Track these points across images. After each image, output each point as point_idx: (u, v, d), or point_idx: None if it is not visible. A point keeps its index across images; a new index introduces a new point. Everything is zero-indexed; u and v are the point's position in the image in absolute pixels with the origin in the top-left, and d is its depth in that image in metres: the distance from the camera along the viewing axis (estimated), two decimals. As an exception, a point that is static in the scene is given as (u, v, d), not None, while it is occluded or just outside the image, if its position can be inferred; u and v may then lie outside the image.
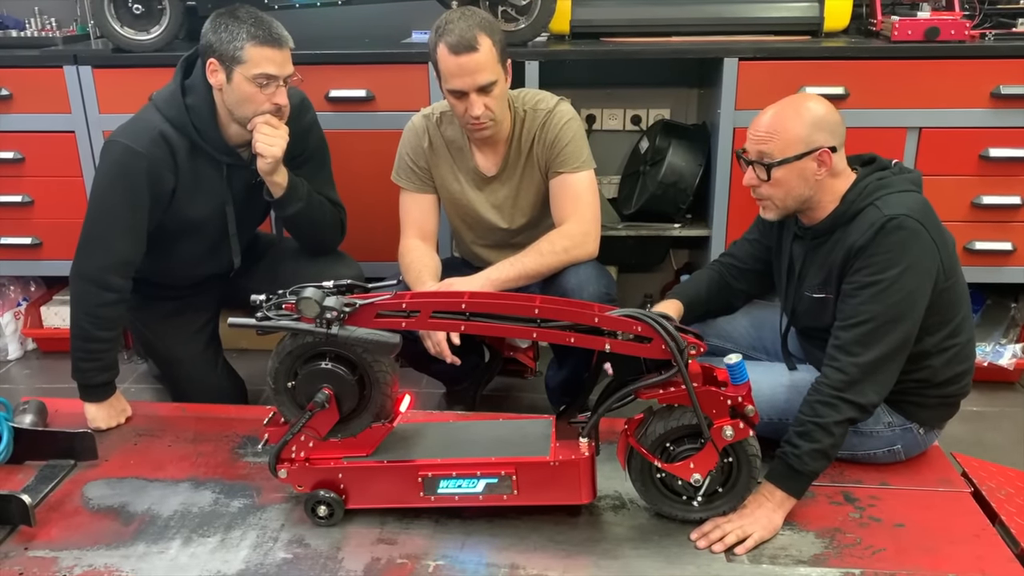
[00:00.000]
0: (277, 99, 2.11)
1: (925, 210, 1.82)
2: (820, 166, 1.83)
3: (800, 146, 1.81)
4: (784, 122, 1.83)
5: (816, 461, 1.76)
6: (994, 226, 2.68)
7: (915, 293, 1.78)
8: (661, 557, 1.71)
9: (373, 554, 1.73)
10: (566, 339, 1.67)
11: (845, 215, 1.85)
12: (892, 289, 1.76)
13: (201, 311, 2.51)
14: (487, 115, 2.12)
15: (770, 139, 1.83)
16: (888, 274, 1.76)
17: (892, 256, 1.76)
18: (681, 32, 2.86)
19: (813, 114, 1.83)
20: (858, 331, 1.77)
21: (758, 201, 1.93)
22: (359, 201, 2.55)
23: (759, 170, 1.85)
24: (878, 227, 1.77)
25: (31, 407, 2.18)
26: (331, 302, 1.65)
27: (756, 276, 2.17)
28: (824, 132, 1.82)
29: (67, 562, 1.72)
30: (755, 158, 1.86)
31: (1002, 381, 2.76)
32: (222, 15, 2.10)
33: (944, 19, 2.59)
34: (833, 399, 1.76)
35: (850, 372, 1.76)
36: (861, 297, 1.79)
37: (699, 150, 2.86)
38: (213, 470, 2.04)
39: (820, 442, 1.74)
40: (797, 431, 1.77)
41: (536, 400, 2.66)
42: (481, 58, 2.06)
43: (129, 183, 2.13)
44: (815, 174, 1.83)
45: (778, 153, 1.82)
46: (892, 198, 1.81)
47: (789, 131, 1.81)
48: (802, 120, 1.82)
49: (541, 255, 2.18)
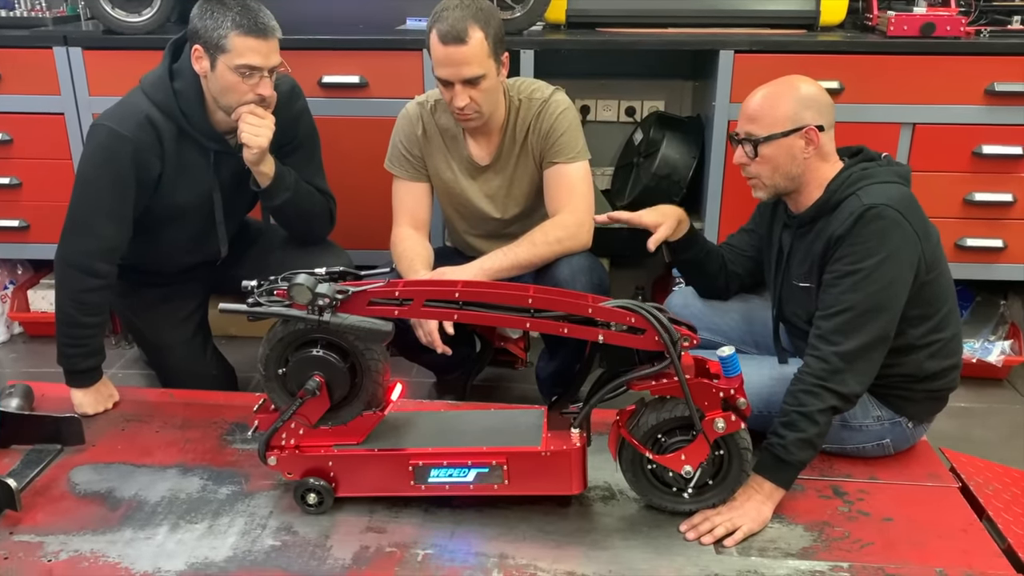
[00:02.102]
0: (261, 90, 2.08)
1: (907, 201, 1.82)
2: (808, 144, 1.85)
3: (787, 123, 1.84)
4: (772, 99, 1.86)
5: (802, 451, 1.76)
6: (985, 223, 2.69)
7: (895, 283, 1.79)
8: (650, 548, 1.71)
9: (362, 542, 1.73)
10: (559, 329, 1.66)
11: (828, 204, 1.87)
12: (871, 278, 1.77)
13: (189, 298, 2.49)
14: (471, 107, 2.11)
15: (758, 117, 1.86)
16: (867, 263, 1.77)
17: (871, 245, 1.77)
18: (677, 24, 2.86)
19: (801, 92, 1.86)
20: (838, 320, 1.78)
21: (748, 181, 1.95)
22: (351, 188, 2.53)
23: (747, 147, 1.88)
24: (857, 216, 1.78)
25: (17, 391, 2.16)
26: (323, 289, 1.63)
27: (752, 265, 2.19)
28: (811, 110, 1.85)
29: (53, 547, 1.71)
30: (743, 136, 1.89)
31: (991, 377, 2.78)
32: (210, 0, 2.07)
33: (940, 15, 2.60)
34: (815, 387, 1.76)
35: (831, 361, 1.77)
36: (841, 287, 1.80)
37: (693, 143, 2.86)
38: (201, 456, 2.03)
39: (805, 431, 1.75)
40: (782, 421, 1.78)
41: (526, 390, 2.66)
42: (468, 51, 2.04)
43: (114, 167, 2.10)
44: (803, 152, 1.85)
45: (765, 130, 1.85)
46: (874, 188, 1.82)
47: (777, 108, 1.85)
48: (790, 98, 1.85)
49: (534, 245, 2.17)
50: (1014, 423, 2.59)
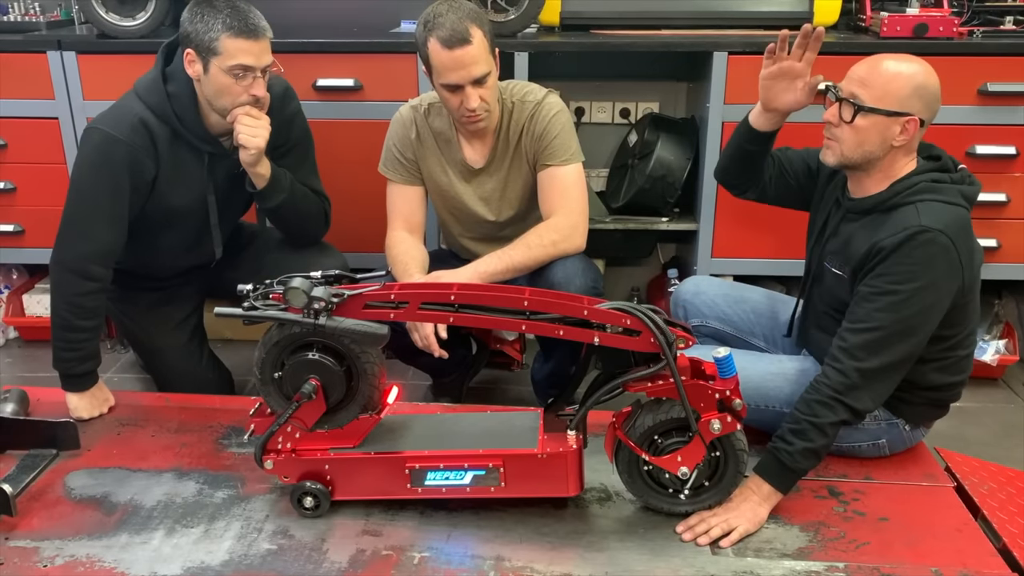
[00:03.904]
0: (255, 90, 2.08)
1: (961, 227, 1.78)
2: (902, 132, 1.78)
3: (896, 103, 1.76)
4: (891, 74, 1.77)
5: (807, 460, 1.76)
6: (979, 223, 2.64)
7: (931, 310, 1.76)
8: (647, 549, 1.72)
9: (358, 545, 1.73)
10: (555, 331, 1.66)
11: (886, 203, 1.82)
12: (908, 303, 1.74)
13: (185, 302, 2.49)
14: (483, 107, 2.11)
15: (871, 83, 1.77)
16: (907, 287, 1.73)
17: (916, 270, 1.73)
18: (671, 25, 2.87)
19: (920, 80, 1.78)
20: (866, 336, 1.75)
21: (826, 140, 1.86)
22: (346, 191, 2.53)
23: (846, 109, 1.79)
24: (908, 235, 1.73)
25: (12, 396, 2.15)
26: (319, 292, 1.63)
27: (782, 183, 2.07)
28: (923, 102, 1.77)
29: (48, 552, 1.71)
30: (847, 95, 1.80)
31: (986, 377, 2.78)
32: (200, 4, 2.07)
33: (933, 16, 2.60)
34: (831, 400, 1.75)
35: (851, 376, 1.75)
36: (876, 303, 1.76)
37: (688, 144, 2.86)
38: (197, 460, 2.03)
39: (814, 441, 1.75)
40: (792, 428, 1.77)
41: (522, 392, 2.66)
42: (474, 51, 2.04)
43: (109, 171, 2.11)
44: (895, 139, 1.78)
45: (872, 100, 1.77)
46: (935, 208, 1.76)
47: (891, 83, 1.76)
48: (909, 81, 1.77)
49: (529, 248, 2.17)
50: (1009, 422, 2.60)
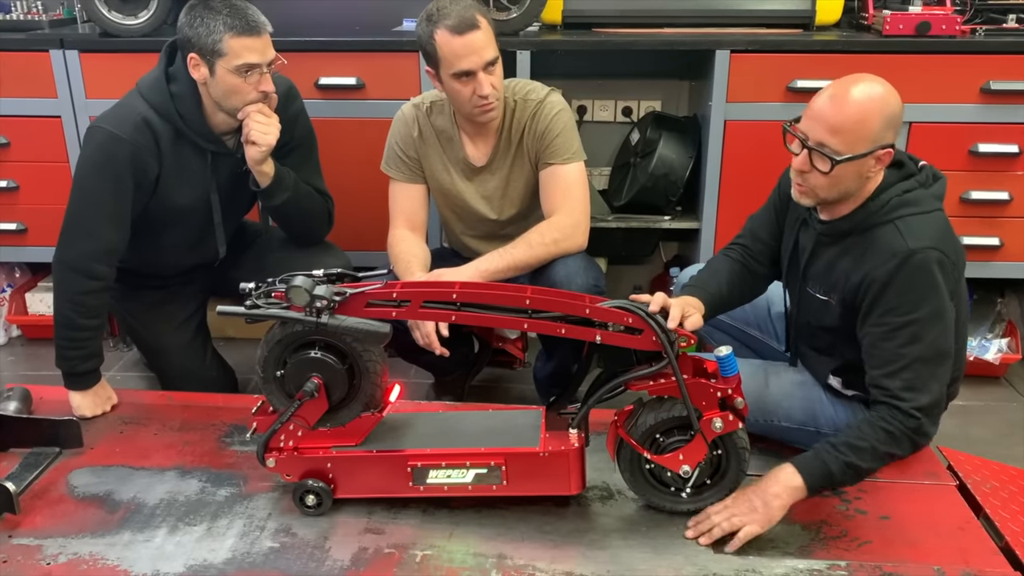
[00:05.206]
0: (263, 86, 2.10)
1: (944, 233, 1.74)
2: (877, 163, 1.70)
3: (870, 143, 1.66)
4: (862, 116, 1.64)
5: (851, 479, 1.71)
6: (982, 221, 2.70)
7: (949, 321, 1.73)
8: (648, 548, 1.72)
9: (360, 544, 1.73)
10: (557, 330, 1.66)
11: (861, 225, 1.76)
12: (929, 326, 1.69)
13: (188, 301, 2.49)
14: (495, 94, 2.12)
15: (843, 131, 1.65)
16: (921, 312, 1.69)
17: (922, 294, 1.69)
18: (673, 24, 2.86)
19: (888, 110, 1.66)
20: (907, 376, 1.69)
21: (798, 187, 1.76)
22: (348, 190, 2.53)
23: (822, 162, 1.67)
24: (900, 261, 1.68)
25: (15, 394, 2.16)
26: (321, 290, 1.64)
27: (775, 251, 2.02)
28: (892, 130, 1.68)
29: (52, 550, 1.71)
30: (816, 146, 1.67)
31: (988, 376, 2.78)
32: (195, 7, 2.07)
33: (935, 14, 2.60)
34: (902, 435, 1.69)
35: (915, 416, 1.69)
36: (898, 340, 1.70)
37: (690, 142, 2.86)
38: (200, 459, 2.03)
39: (870, 465, 1.69)
40: (856, 444, 1.68)
41: (524, 391, 2.66)
42: (483, 35, 2.07)
43: (112, 170, 2.11)
44: (870, 170, 1.70)
45: (848, 148, 1.65)
46: (915, 223, 1.71)
47: (863, 127, 1.64)
48: (879, 116, 1.65)
49: (530, 246, 2.17)
50: (1011, 421, 2.59)
